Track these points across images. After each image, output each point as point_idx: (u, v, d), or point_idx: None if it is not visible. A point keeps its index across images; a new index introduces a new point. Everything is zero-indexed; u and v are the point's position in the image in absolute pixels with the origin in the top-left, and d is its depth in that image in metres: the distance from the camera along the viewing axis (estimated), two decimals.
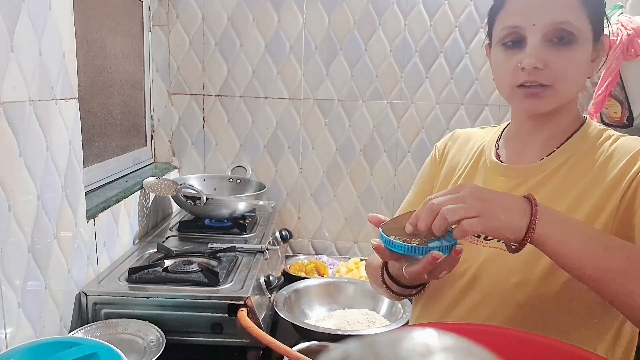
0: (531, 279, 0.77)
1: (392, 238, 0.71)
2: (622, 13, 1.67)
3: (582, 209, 0.78)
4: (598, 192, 0.78)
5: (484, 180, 0.89)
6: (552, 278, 0.76)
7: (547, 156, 0.85)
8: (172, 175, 1.86)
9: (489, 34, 0.87)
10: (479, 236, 0.84)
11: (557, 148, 0.84)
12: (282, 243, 1.71)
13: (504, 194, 0.70)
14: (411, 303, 1.09)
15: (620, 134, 0.85)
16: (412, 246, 0.69)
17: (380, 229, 0.74)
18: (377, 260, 0.88)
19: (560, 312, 0.77)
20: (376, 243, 0.72)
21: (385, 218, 0.77)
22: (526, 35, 0.78)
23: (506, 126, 0.95)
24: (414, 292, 0.88)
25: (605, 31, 0.83)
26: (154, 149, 1.92)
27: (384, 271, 0.87)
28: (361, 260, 1.83)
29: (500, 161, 0.89)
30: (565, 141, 0.85)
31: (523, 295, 0.78)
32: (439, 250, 0.68)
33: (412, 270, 0.72)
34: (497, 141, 0.93)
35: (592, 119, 1.68)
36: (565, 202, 0.79)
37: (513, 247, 0.68)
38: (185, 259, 1.31)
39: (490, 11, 0.85)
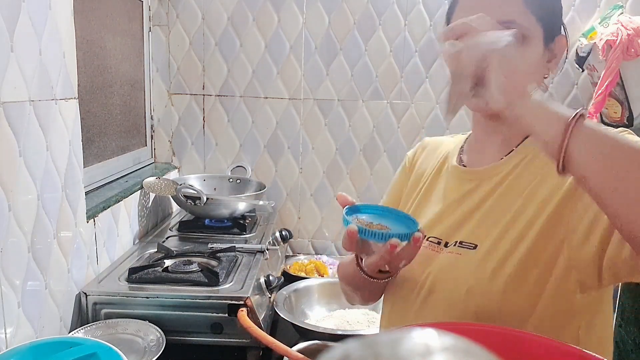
0: (479, 288, 0.74)
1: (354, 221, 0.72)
2: (622, 13, 1.67)
3: (522, 217, 0.75)
4: (537, 201, 0.75)
5: (446, 185, 0.88)
6: (501, 288, 0.73)
7: (502, 158, 0.83)
8: (172, 175, 1.86)
9: None
10: (438, 242, 0.82)
11: (515, 149, 0.83)
12: (282, 243, 1.71)
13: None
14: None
15: None
16: (373, 231, 0.70)
17: (345, 210, 0.74)
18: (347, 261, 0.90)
19: (518, 325, 0.71)
20: (353, 229, 0.70)
21: (354, 200, 0.78)
22: None
23: None
24: (381, 280, 0.84)
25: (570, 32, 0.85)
26: (154, 149, 1.92)
27: (358, 259, 0.85)
28: None
29: (463, 165, 0.88)
30: (521, 142, 0.83)
31: (474, 305, 0.74)
32: (399, 239, 0.68)
33: (371, 261, 0.72)
34: (461, 147, 0.93)
35: (592, 118, 1.69)
36: (513, 208, 0.76)
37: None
38: (185, 259, 1.31)
39: (447, 11, 0.85)
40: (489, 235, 0.76)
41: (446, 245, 0.81)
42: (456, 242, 0.79)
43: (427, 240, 0.83)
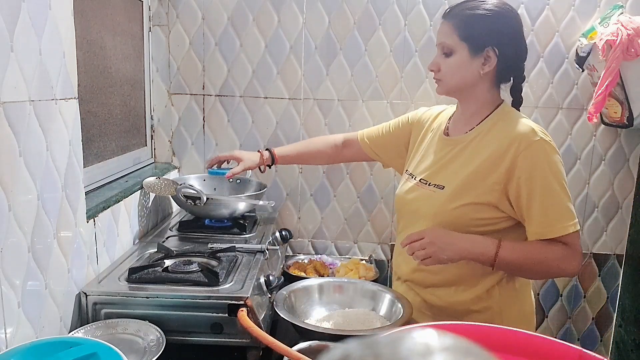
0: (441, 213, 1.23)
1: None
2: (622, 13, 1.67)
3: (482, 169, 1.20)
4: (491, 159, 1.19)
5: (435, 147, 1.34)
6: (453, 213, 1.22)
7: (469, 130, 1.27)
8: (172, 175, 1.86)
9: None
10: (425, 182, 1.29)
11: (477, 125, 1.26)
12: (282, 243, 1.71)
13: (462, 239, 1.19)
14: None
15: (523, 118, 1.23)
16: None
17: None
18: None
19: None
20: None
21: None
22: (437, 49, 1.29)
23: None
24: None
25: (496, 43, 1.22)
26: (154, 149, 1.92)
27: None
28: (361, 260, 1.83)
29: (447, 134, 1.33)
30: (481, 121, 1.26)
31: (438, 221, 1.23)
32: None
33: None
34: (449, 118, 1.37)
35: (592, 118, 1.69)
36: (476, 163, 1.21)
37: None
38: (185, 259, 1.31)
39: None
40: (453, 182, 1.23)
41: (428, 184, 1.28)
42: (435, 184, 1.27)
43: (419, 180, 1.31)
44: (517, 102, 1.31)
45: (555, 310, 2.02)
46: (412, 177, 1.35)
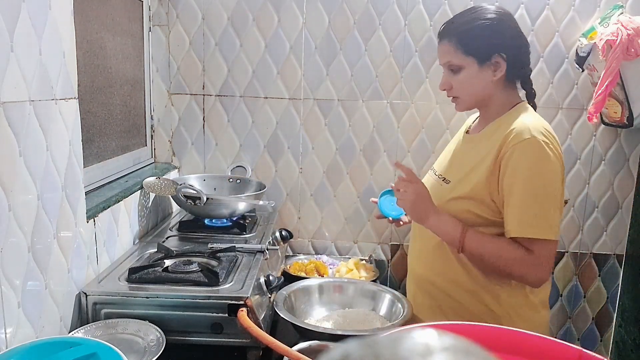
0: (443, 204, 1.27)
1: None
2: (622, 13, 1.67)
3: (481, 165, 1.22)
4: (489, 155, 1.22)
5: (458, 145, 1.39)
6: (452, 204, 1.27)
7: (480, 131, 1.31)
8: (172, 175, 1.86)
9: None
10: (439, 176, 1.36)
11: (487, 125, 1.29)
12: (282, 243, 1.71)
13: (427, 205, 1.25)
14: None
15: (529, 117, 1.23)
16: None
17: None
18: None
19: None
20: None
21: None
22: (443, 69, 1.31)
23: None
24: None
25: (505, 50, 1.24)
26: (154, 149, 1.92)
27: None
28: (361, 260, 1.83)
29: (467, 133, 1.39)
30: (491, 122, 1.29)
31: (441, 209, 1.27)
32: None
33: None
34: (474, 121, 1.41)
35: (592, 118, 1.69)
36: (477, 158, 1.24)
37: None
38: (185, 259, 1.31)
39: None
40: (457, 175, 1.29)
41: (440, 177, 1.35)
42: (444, 177, 1.33)
43: (437, 174, 1.38)
44: (530, 95, 1.32)
45: (555, 310, 2.02)
46: (433, 172, 1.41)
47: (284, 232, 1.73)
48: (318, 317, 1.30)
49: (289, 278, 1.53)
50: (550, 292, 1.34)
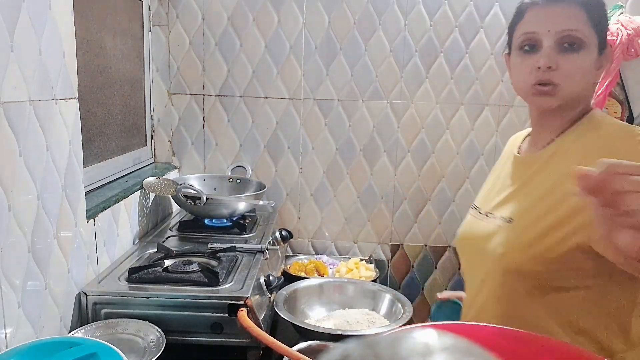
0: (510, 253, 0.92)
1: None
2: (622, 13, 1.67)
3: (564, 192, 0.87)
4: (559, 192, 0.88)
5: (507, 172, 1.04)
6: (525, 255, 0.90)
7: (546, 145, 0.96)
8: (172, 175, 1.86)
9: (509, 44, 1.00)
10: (487, 215, 1.01)
11: (557, 137, 0.95)
12: (282, 243, 1.71)
13: None
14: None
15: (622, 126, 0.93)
16: None
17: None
18: None
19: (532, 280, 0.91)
20: None
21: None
22: (542, 40, 0.91)
23: None
24: None
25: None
26: (154, 149, 1.92)
27: None
28: (361, 260, 1.83)
29: (519, 154, 1.04)
30: (562, 132, 0.95)
31: (505, 262, 0.92)
32: None
33: None
34: (525, 137, 1.07)
35: None
36: (555, 184, 0.90)
37: None
38: (185, 259, 1.31)
39: (510, 24, 0.99)
40: (525, 211, 0.92)
41: (494, 216, 0.99)
42: (501, 216, 0.96)
43: (483, 212, 1.02)
44: None
45: None
46: (476, 210, 1.06)
47: (284, 232, 1.73)
48: (318, 317, 1.30)
49: (289, 278, 1.53)
50: None
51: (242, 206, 1.62)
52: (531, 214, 0.91)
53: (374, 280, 1.64)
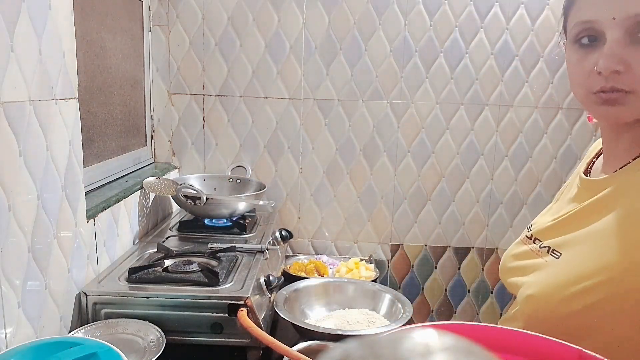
0: (544, 296, 0.74)
1: None
2: None
3: (611, 240, 0.68)
4: (630, 231, 0.67)
5: (570, 194, 0.84)
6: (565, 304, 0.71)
7: (619, 169, 0.74)
8: (172, 175, 1.86)
9: (564, 31, 0.79)
10: (541, 247, 0.81)
11: (633, 160, 0.73)
12: (282, 243, 1.71)
13: None
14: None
15: None
16: None
17: None
18: None
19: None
20: None
21: None
22: (604, 31, 0.68)
23: None
24: None
25: None
26: (154, 149, 1.92)
27: None
28: (361, 260, 1.83)
29: (587, 174, 0.84)
30: (639, 155, 0.73)
31: (533, 309, 0.75)
32: None
33: None
34: (596, 153, 0.87)
35: (592, 118, 1.69)
36: (605, 227, 0.69)
37: None
38: (185, 259, 1.31)
39: (563, 6, 0.77)
40: (576, 245, 0.73)
41: (541, 246, 0.81)
42: (548, 246, 0.78)
43: (532, 238, 0.83)
44: None
45: None
46: (528, 233, 0.88)
47: (284, 232, 1.73)
48: (318, 317, 1.30)
49: (289, 278, 1.53)
50: None
51: (242, 206, 1.62)
52: (590, 249, 0.71)
53: (374, 280, 1.64)
